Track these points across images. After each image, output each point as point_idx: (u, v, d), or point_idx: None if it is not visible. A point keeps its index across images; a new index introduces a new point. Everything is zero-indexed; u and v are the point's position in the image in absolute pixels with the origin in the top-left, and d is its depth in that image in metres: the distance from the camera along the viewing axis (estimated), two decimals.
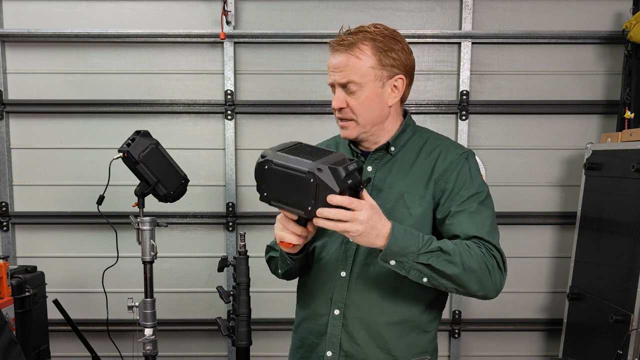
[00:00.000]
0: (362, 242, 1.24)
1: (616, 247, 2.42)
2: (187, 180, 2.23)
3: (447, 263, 1.26)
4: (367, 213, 1.19)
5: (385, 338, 1.43)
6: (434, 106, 2.96)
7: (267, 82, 2.97)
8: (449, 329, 3.06)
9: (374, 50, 1.37)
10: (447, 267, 1.26)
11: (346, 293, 1.43)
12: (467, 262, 1.28)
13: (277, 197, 1.25)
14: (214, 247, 3.02)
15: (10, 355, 1.50)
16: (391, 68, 1.40)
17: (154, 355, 2.16)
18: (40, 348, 2.59)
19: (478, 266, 1.29)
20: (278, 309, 2.98)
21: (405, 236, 1.26)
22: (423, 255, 1.26)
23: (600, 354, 2.47)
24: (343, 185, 1.15)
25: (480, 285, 1.30)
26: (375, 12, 2.91)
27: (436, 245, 1.27)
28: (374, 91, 1.39)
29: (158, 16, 2.92)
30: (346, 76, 1.37)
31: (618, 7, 2.90)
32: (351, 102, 1.39)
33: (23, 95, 2.96)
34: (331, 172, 1.15)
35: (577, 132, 2.98)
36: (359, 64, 1.37)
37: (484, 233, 1.35)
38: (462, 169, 1.42)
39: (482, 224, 1.36)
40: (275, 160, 1.21)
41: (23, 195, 3.02)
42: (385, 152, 1.47)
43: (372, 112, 1.41)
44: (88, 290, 3.01)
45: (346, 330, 1.44)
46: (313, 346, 1.51)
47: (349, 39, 1.37)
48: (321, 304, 1.48)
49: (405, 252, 1.25)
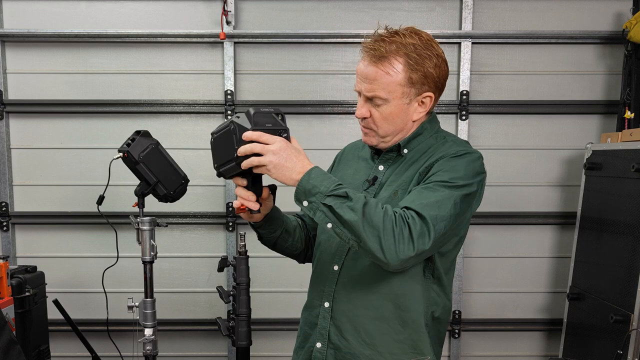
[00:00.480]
0: (279, 176, 1.24)
1: (616, 247, 2.42)
2: (187, 180, 2.23)
3: (347, 209, 1.22)
4: (279, 145, 1.23)
5: (370, 333, 1.42)
6: None
7: (267, 82, 2.97)
8: (449, 329, 3.06)
9: (406, 67, 1.34)
10: (346, 213, 1.21)
11: (335, 286, 1.45)
12: (370, 216, 1.21)
13: (220, 162, 1.34)
14: (214, 247, 3.02)
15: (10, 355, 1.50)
16: (421, 86, 1.37)
17: (154, 355, 2.15)
18: (40, 348, 2.59)
19: (382, 224, 1.21)
20: (278, 309, 2.98)
21: (321, 177, 1.25)
22: (330, 197, 1.23)
23: (600, 354, 2.47)
24: (258, 126, 1.23)
25: (379, 244, 1.21)
26: (375, 12, 2.91)
27: (344, 191, 1.23)
28: (399, 107, 1.38)
29: (158, 16, 2.92)
30: (372, 90, 1.36)
31: (618, 7, 2.90)
32: (375, 113, 1.39)
33: (23, 95, 2.96)
34: (246, 115, 1.24)
35: (577, 132, 2.98)
36: (388, 79, 1.34)
37: (416, 204, 1.26)
38: (448, 162, 1.35)
39: (423, 198, 1.28)
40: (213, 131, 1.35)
41: (23, 195, 3.02)
42: (397, 153, 1.46)
43: (395, 125, 1.41)
44: (88, 290, 3.01)
45: (334, 323, 1.45)
46: (307, 336, 1.54)
47: (382, 49, 1.33)
48: (316, 296, 1.51)
49: (314, 191, 1.23)
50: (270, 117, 1.26)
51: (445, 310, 1.51)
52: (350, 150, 1.66)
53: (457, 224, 1.35)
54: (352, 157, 1.61)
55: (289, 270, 2.77)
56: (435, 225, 1.26)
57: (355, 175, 1.53)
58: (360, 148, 1.61)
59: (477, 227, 3.02)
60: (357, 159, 1.58)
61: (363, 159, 1.56)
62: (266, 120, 1.25)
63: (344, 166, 1.62)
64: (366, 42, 1.37)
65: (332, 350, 1.46)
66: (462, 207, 1.33)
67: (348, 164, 1.60)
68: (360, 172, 1.53)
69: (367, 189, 1.46)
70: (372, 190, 1.45)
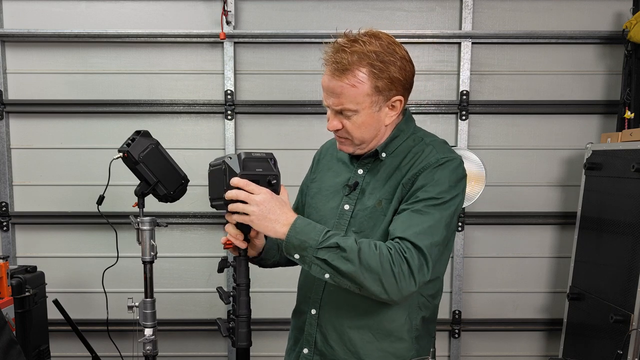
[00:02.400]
0: (261, 228, 1.26)
1: (616, 247, 2.42)
2: (187, 180, 2.23)
3: (343, 260, 1.23)
4: (263, 197, 1.23)
5: (354, 342, 1.42)
6: (434, 106, 2.96)
7: (267, 82, 2.97)
8: (449, 329, 3.06)
9: (370, 77, 1.30)
10: (342, 264, 1.23)
11: (322, 294, 1.45)
12: (367, 262, 1.22)
13: (212, 196, 1.40)
14: (214, 247, 3.02)
15: (10, 355, 1.50)
16: (388, 92, 1.34)
17: (154, 355, 2.16)
18: (40, 348, 2.59)
19: (380, 267, 1.22)
20: (278, 309, 2.98)
21: (307, 229, 1.25)
22: (321, 250, 1.24)
23: (600, 354, 2.46)
24: (246, 171, 1.25)
25: (381, 287, 1.23)
26: (375, 12, 2.91)
27: (334, 241, 1.24)
28: (369, 115, 1.36)
29: (158, 16, 2.92)
30: (341, 104, 1.34)
31: (618, 7, 2.90)
32: (347, 124, 1.37)
33: (23, 95, 2.96)
34: (237, 157, 1.26)
35: (577, 132, 2.98)
36: (354, 92, 1.31)
37: (410, 233, 1.26)
38: (431, 174, 1.34)
39: (415, 225, 1.28)
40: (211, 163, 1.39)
41: (23, 195, 3.02)
42: (375, 157, 1.45)
43: (369, 133, 1.39)
44: (88, 290, 3.01)
45: (321, 330, 1.46)
46: (297, 340, 1.55)
47: (344, 60, 1.30)
48: (303, 302, 1.52)
49: (304, 245, 1.24)
50: (262, 162, 1.28)
51: (435, 309, 1.52)
52: (327, 150, 1.62)
53: (449, 241, 1.39)
54: (331, 157, 1.59)
55: (289, 270, 2.75)
56: (431, 253, 1.27)
57: (336, 178, 1.51)
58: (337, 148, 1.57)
59: (477, 227, 3.02)
60: (336, 161, 1.56)
61: (341, 161, 1.54)
62: (257, 164, 1.26)
63: (323, 168, 1.59)
64: (327, 54, 1.34)
65: (317, 357, 1.47)
66: (452, 225, 1.36)
67: (327, 165, 1.58)
68: (340, 175, 1.51)
69: (348, 194, 1.45)
70: (353, 196, 1.44)
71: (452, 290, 3.04)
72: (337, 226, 1.43)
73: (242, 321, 1.35)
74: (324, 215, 1.48)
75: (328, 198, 1.50)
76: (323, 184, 1.55)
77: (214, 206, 1.43)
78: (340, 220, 1.44)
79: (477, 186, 2.58)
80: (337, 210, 1.45)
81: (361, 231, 1.40)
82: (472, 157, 2.59)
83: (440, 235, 1.30)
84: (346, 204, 1.44)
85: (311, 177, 1.62)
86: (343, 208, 1.44)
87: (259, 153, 1.29)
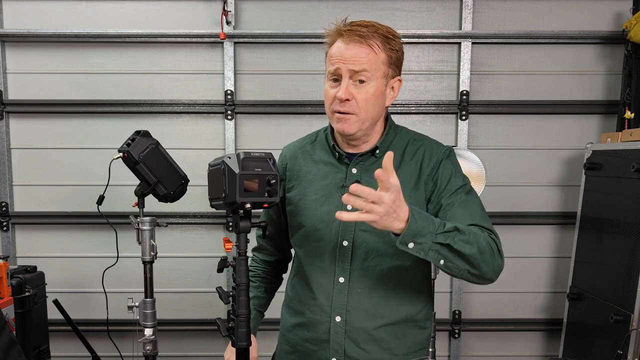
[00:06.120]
0: (383, 226, 1.20)
1: (616, 247, 2.42)
2: (187, 180, 2.23)
3: (464, 243, 1.26)
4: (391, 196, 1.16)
5: (387, 339, 1.43)
6: (434, 106, 2.96)
7: (267, 82, 2.97)
8: (449, 329, 3.06)
9: (384, 48, 1.37)
10: (465, 247, 1.26)
11: (347, 299, 1.42)
12: (480, 243, 1.29)
13: (211, 196, 1.41)
14: (214, 247, 3.02)
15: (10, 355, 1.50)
16: (395, 68, 1.42)
17: (154, 355, 2.15)
18: (40, 348, 2.59)
19: (488, 247, 1.31)
20: (278, 309, 2.97)
21: (422, 218, 1.24)
22: (441, 235, 1.24)
23: (600, 354, 2.47)
24: (246, 170, 1.25)
25: (488, 267, 1.31)
26: (375, 12, 2.91)
27: (452, 225, 1.27)
28: (379, 88, 1.38)
29: (158, 16, 2.92)
30: (361, 65, 1.35)
31: (618, 7, 2.90)
32: (358, 95, 1.36)
33: (23, 95, 2.96)
34: (237, 157, 1.27)
35: (577, 132, 2.98)
36: (374, 57, 1.36)
37: (478, 219, 1.38)
38: (446, 165, 1.44)
39: (475, 212, 1.40)
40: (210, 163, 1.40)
41: (23, 195, 3.02)
42: (370, 155, 1.45)
43: (374, 110, 1.40)
44: (88, 290, 3.01)
45: (349, 336, 1.43)
46: (309, 353, 1.50)
47: (362, 30, 1.36)
48: (319, 312, 1.47)
49: (424, 232, 1.22)
50: (261, 161, 1.28)
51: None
52: (297, 153, 1.58)
53: None
54: (305, 160, 1.54)
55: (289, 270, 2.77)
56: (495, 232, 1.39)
57: (323, 181, 1.48)
58: (310, 150, 1.55)
59: None
60: (315, 162, 1.52)
61: (324, 162, 1.50)
62: (256, 164, 1.26)
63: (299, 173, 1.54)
64: (339, 27, 1.40)
65: None
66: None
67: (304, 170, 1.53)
68: (328, 177, 1.48)
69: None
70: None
71: (452, 290, 3.04)
72: (345, 228, 1.42)
73: (242, 321, 1.35)
74: (322, 219, 1.45)
75: (320, 202, 1.46)
76: (306, 189, 1.50)
77: (213, 206, 1.43)
78: (347, 222, 1.41)
79: (477, 186, 2.57)
80: (335, 212, 1.43)
81: (373, 229, 1.35)
82: (472, 157, 2.59)
83: (486, 214, 1.44)
84: (349, 205, 1.42)
85: (287, 187, 1.56)
86: (346, 208, 1.40)
87: (258, 153, 1.29)
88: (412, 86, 2.96)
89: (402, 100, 2.94)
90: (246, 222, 1.36)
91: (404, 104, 2.94)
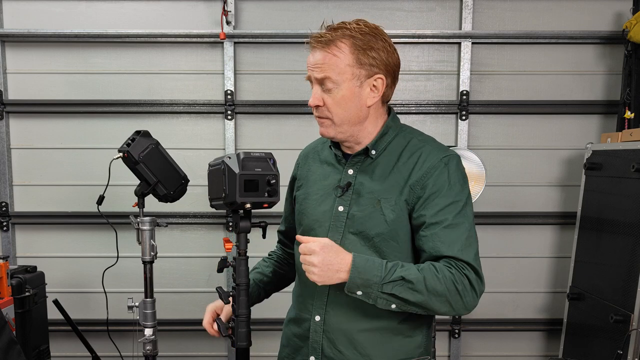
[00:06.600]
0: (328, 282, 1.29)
1: (616, 247, 2.42)
2: (187, 180, 2.23)
3: (411, 291, 1.27)
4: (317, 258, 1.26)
5: (364, 344, 1.41)
6: (434, 106, 2.96)
7: (267, 82, 2.97)
8: (449, 329, 3.06)
9: (352, 49, 1.34)
10: (411, 296, 1.27)
11: (326, 300, 1.44)
12: (434, 287, 1.27)
13: (211, 196, 1.42)
14: (214, 247, 3.02)
15: (10, 355, 1.50)
16: (370, 67, 1.35)
17: (154, 355, 2.16)
18: (40, 348, 2.59)
19: (446, 289, 1.27)
20: (278, 309, 2.96)
21: (367, 267, 1.27)
22: (387, 284, 1.27)
23: (600, 354, 2.47)
24: (246, 170, 1.27)
25: (449, 306, 1.30)
26: (375, 12, 2.91)
27: (399, 275, 1.27)
28: (350, 90, 1.35)
29: (158, 16, 2.92)
30: (323, 72, 1.35)
31: (618, 7, 2.90)
32: (327, 100, 1.36)
33: (23, 95, 2.96)
34: (236, 157, 1.28)
35: (577, 132, 2.98)
36: (336, 61, 1.34)
37: (456, 251, 1.31)
38: (440, 175, 1.36)
39: (456, 240, 1.32)
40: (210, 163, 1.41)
41: (23, 195, 3.02)
42: (365, 156, 1.44)
43: (349, 111, 1.37)
44: (88, 290, 3.01)
45: (327, 336, 1.44)
46: (297, 348, 1.52)
47: (327, 35, 1.35)
48: (304, 309, 1.49)
49: (368, 283, 1.27)
50: (261, 161, 1.29)
51: None
52: (309, 153, 1.61)
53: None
54: (313, 161, 1.57)
55: None
56: (478, 263, 1.34)
57: (324, 181, 1.49)
58: (320, 150, 1.56)
59: (477, 227, 2.97)
60: (320, 163, 1.54)
61: (327, 162, 1.52)
62: (256, 164, 1.29)
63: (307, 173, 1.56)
64: (312, 36, 1.39)
65: None
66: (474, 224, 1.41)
67: (311, 170, 1.56)
68: (329, 177, 1.49)
69: (340, 195, 1.42)
70: (347, 197, 1.41)
71: None
72: (334, 228, 1.42)
73: (242, 321, 1.36)
74: (317, 219, 1.46)
75: (319, 201, 1.47)
76: (310, 188, 1.52)
77: (213, 206, 1.43)
78: (336, 223, 1.42)
79: (477, 186, 2.57)
80: (330, 212, 1.43)
81: (360, 232, 1.38)
82: (472, 157, 2.59)
83: (474, 239, 1.37)
84: (340, 206, 1.42)
85: (297, 185, 1.59)
86: (337, 210, 1.42)
87: (258, 153, 1.30)
88: (412, 86, 2.96)
89: (402, 100, 2.94)
90: (246, 222, 1.36)
91: (404, 104, 2.94)
